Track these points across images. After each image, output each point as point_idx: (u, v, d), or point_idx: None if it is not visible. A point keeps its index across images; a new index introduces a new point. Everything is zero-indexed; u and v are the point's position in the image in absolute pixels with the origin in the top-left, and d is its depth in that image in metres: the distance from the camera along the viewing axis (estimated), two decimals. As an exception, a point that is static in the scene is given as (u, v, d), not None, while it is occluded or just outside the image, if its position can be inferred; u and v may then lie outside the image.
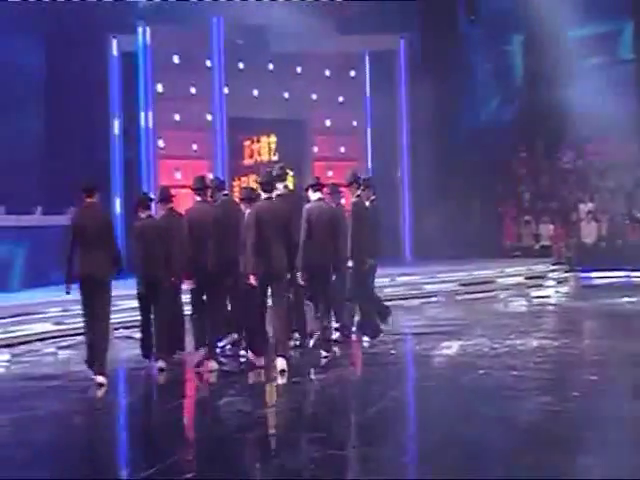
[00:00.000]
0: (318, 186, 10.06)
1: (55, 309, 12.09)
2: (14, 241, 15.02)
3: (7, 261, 14.55)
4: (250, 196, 9.67)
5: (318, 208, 9.87)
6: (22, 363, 10.34)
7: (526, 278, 17.76)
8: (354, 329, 11.02)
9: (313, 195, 10.04)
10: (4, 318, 11.56)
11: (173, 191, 10.58)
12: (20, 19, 16.13)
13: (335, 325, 10.70)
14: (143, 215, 9.61)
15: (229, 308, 10.17)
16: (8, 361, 10.44)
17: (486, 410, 7.48)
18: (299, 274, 9.65)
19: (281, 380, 8.79)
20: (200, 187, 9.60)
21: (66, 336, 11.41)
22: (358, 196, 10.91)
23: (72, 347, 11.06)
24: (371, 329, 10.85)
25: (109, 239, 8.77)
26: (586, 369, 9.21)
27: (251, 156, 19.13)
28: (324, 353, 9.84)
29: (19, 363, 10.34)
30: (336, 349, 10.36)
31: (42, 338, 11.46)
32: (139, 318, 9.64)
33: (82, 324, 8.98)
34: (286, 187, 10.24)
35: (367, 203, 11.01)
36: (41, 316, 11.98)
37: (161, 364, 9.27)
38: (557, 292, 17.19)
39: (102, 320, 8.76)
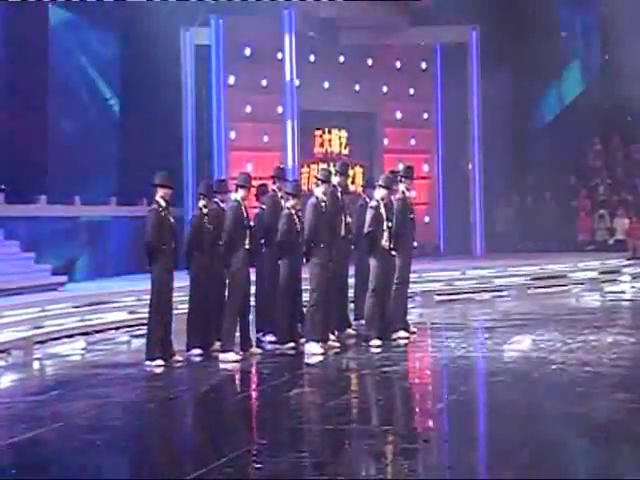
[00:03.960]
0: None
1: (129, 298, 12.32)
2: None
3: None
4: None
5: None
6: (97, 351, 10.56)
7: (600, 273, 17.41)
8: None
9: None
10: (80, 307, 11.82)
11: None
12: (96, 13, 16.41)
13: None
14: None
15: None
16: (84, 349, 10.67)
17: (559, 407, 7.36)
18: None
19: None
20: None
21: (140, 325, 11.59)
22: (403, 192, 10.84)
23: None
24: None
25: None
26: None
27: (322, 145, 19.13)
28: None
29: (94, 351, 10.56)
30: (406, 341, 10.41)
31: (117, 327, 11.68)
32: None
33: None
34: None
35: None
36: (116, 305, 12.22)
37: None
38: (633, 287, 16.83)
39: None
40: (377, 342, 10.11)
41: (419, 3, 18.86)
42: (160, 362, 9.27)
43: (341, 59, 19.14)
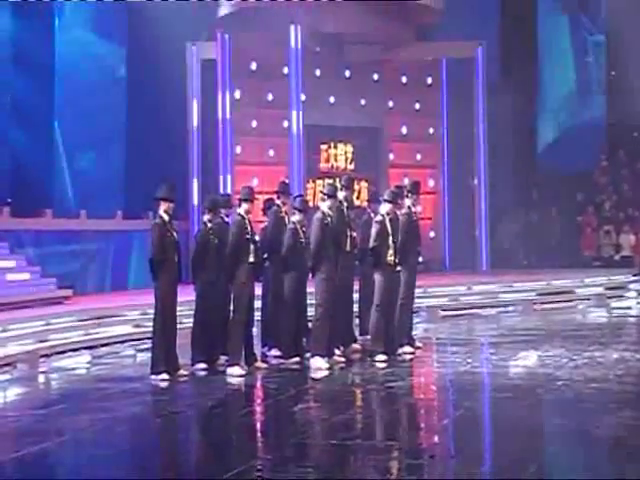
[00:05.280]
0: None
1: (134, 312, 12.32)
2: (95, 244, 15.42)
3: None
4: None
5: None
6: (102, 365, 10.55)
7: (606, 289, 17.37)
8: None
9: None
10: (85, 320, 11.83)
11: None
12: (102, 28, 16.50)
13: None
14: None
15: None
16: (89, 362, 10.66)
17: (564, 423, 7.33)
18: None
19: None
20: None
21: (145, 339, 11.58)
22: (409, 207, 10.84)
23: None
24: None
25: None
26: (670, 383, 8.98)
27: (327, 160, 19.17)
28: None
29: (99, 365, 10.55)
30: (411, 356, 10.40)
31: (122, 340, 11.68)
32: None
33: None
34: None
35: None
36: (121, 319, 12.22)
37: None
38: (639, 304, 16.78)
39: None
40: (382, 357, 10.09)
41: (426, 18, 18.89)
42: (165, 376, 9.26)
43: (347, 74, 19.20)
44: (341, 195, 10.57)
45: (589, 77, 22.84)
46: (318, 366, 9.67)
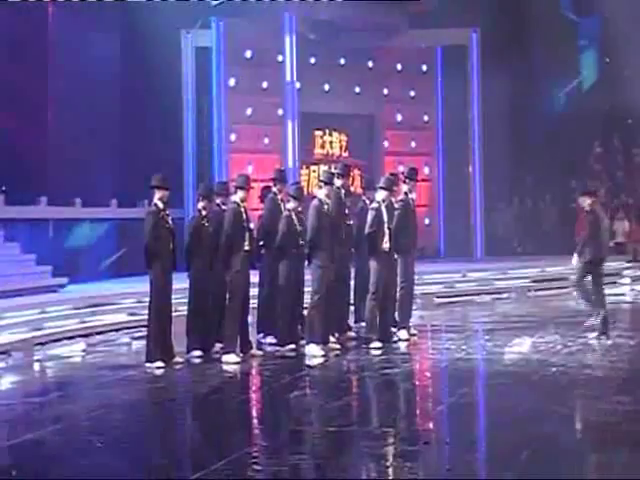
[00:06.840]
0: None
1: (129, 300, 12.32)
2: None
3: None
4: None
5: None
6: (97, 353, 10.56)
7: (600, 275, 17.37)
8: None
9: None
10: (80, 308, 11.83)
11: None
12: (96, 15, 16.42)
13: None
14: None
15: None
16: (84, 350, 10.67)
17: (559, 409, 7.36)
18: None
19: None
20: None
21: (140, 327, 11.59)
22: (406, 193, 10.84)
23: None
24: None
25: None
26: (663, 369, 9.02)
27: (322, 146, 19.15)
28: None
29: (94, 353, 10.56)
30: (407, 343, 10.44)
31: (117, 328, 11.68)
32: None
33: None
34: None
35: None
36: (116, 307, 12.22)
37: None
38: (632, 290, 16.83)
39: None
40: (377, 344, 10.12)
41: (419, 6, 18.85)
42: (160, 364, 9.27)
43: (342, 61, 19.16)
44: (338, 182, 10.56)
45: (584, 64, 22.81)
46: (313, 353, 9.70)
